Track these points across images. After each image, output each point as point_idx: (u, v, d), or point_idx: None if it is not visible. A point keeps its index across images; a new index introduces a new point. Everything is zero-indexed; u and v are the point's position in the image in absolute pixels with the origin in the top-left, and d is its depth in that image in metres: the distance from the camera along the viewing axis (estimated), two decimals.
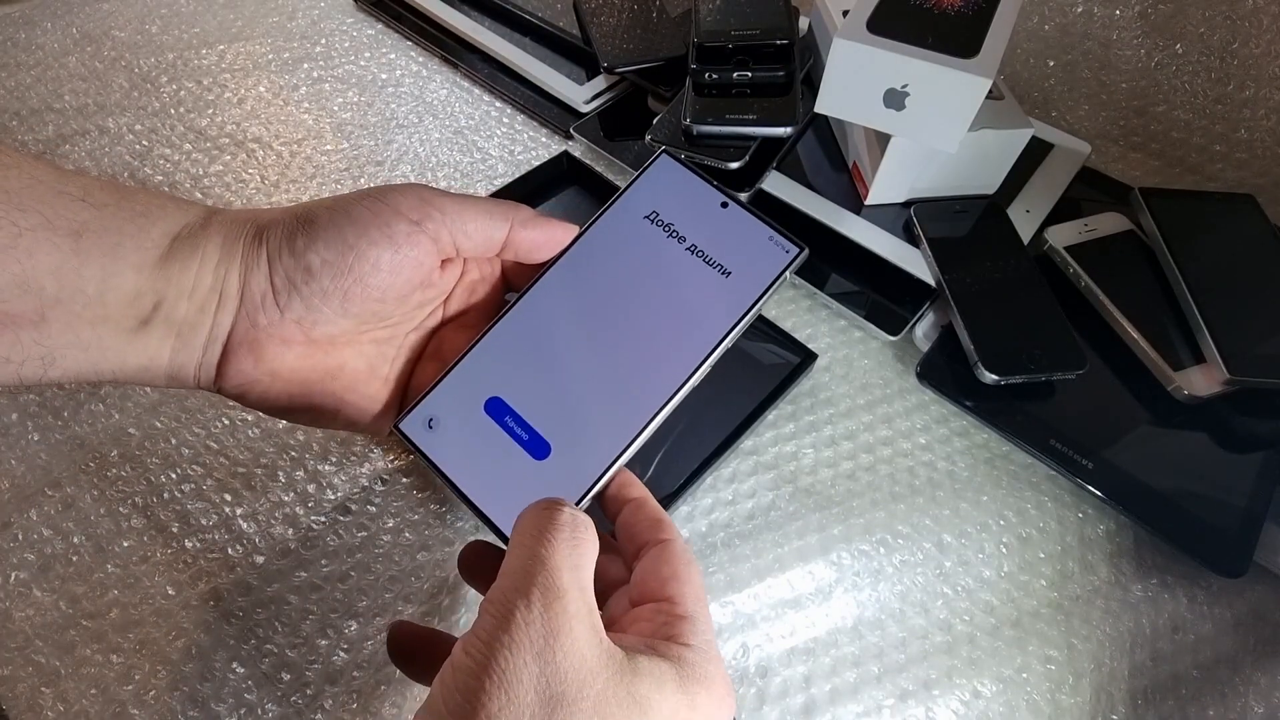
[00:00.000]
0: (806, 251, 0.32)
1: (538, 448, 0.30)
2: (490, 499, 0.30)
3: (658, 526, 0.27)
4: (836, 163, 0.50)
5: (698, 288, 0.32)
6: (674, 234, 0.33)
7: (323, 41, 0.63)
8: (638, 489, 0.29)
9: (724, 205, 0.33)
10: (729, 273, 0.32)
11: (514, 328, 0.32)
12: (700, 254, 0.32)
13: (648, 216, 0.33)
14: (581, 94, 0.55)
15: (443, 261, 0.31)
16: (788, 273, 0.32)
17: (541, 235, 0.32)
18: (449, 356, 0.33)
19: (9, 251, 0.24)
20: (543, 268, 0.33)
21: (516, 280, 0.35)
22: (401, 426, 0.32)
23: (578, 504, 0.29)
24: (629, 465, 0.30)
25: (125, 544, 0.36)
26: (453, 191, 0.31)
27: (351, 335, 0.31)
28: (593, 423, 0.30)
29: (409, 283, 0.30)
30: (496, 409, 0.31)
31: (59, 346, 0.26)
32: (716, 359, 0.31)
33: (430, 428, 0.31)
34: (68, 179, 0.26)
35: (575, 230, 0.33)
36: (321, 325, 0.30)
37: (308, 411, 0.31)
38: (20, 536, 0.36)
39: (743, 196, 0.45)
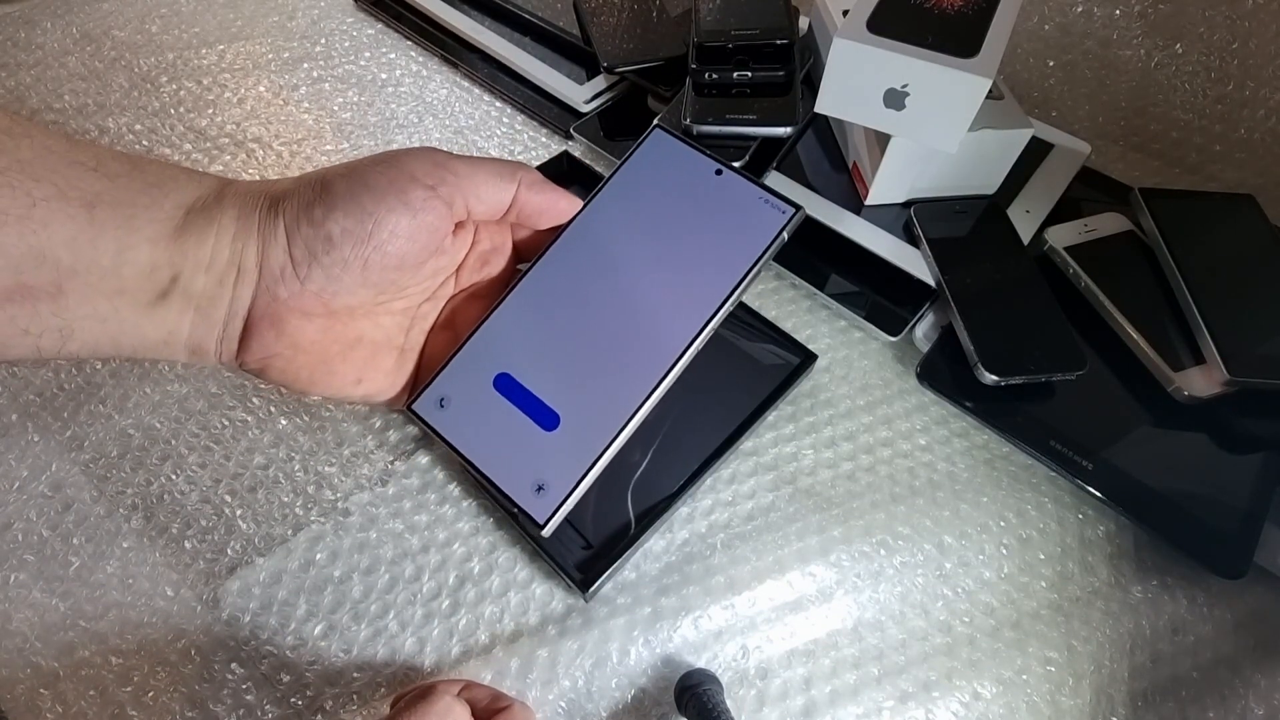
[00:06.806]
0: (804, 211, 0.32)
1: (547, 419, 0.31)
2: (503, 473, 0.30)
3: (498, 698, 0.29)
4: (836, 163, 0.50)
5: (697, 253, 0.32)
6: (671, 203, 0.33)
7: (323, 41, 0.63)
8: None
9: (719, 173, 0.33)
10: (728, 236, 0.32)
11: (519, 304, 0.33)
12: (698, 220, 0.32)
13: (645, 188, 0.33)
14: (581, 94, 0.55)
15: (455, 226, 0.32)
16: (785, 233, 0.32)
17: (544, 201, 0.33)
18: (461, 326, 0.33)
19: (24, 222, 0.24)
20: (547, 243, 0.33)
21: (526, 251, 0.35)
22: (414, 408, 0.32)
23: (587, 472, 0.30)
24: (632, 439, 0.30)
25: (125, 544, 0.36)
26: (462, 155, 0.31)
27: (369, 306, 0.31)
28: (601, 390, 0.31)
29: (425, 249, 0.31)
30: (505, 384, 0.32)
31: (77, 319, 0.26)
32: (720, 321, 0.31)
33: (442, 407, 0.32)
34: (80, 149, 0.26)
35: (578, 204, 0.33)
36: (342, 296, 0.30)
37: (328, 384, 0.31)
38: (20, 537, 0.36)
39: None
